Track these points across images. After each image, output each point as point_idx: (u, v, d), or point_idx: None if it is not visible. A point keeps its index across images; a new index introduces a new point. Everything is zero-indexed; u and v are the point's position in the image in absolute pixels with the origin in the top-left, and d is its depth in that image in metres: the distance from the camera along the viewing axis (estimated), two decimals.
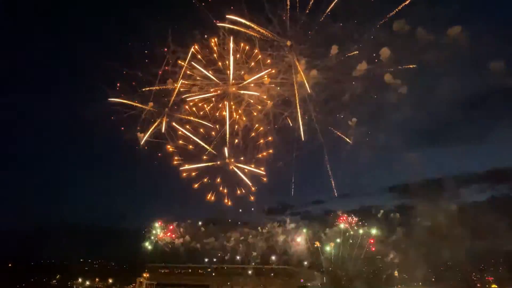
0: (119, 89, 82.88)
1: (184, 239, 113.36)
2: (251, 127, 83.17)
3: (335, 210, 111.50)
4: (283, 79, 79.90)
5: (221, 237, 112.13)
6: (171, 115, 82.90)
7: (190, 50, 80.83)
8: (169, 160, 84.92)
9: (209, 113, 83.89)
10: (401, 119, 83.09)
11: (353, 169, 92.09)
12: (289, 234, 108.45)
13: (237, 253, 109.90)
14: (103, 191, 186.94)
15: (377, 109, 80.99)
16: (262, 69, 79.27)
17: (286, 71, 79.64)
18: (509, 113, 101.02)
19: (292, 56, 77.86)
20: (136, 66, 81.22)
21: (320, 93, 77.79)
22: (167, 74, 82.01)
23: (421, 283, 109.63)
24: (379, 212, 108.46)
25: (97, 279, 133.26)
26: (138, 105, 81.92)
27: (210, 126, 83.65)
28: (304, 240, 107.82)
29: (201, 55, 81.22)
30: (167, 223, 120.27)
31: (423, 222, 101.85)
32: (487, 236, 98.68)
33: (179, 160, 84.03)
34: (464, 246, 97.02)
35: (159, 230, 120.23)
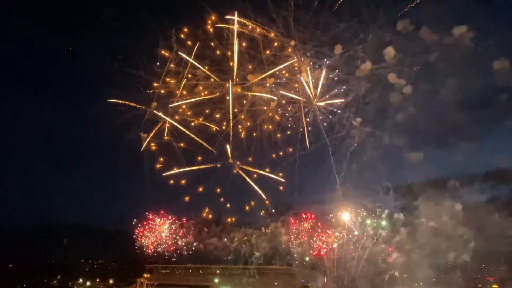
0: (122, 89, 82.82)
1: (187, 239, 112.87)
2: (255, 127, 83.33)
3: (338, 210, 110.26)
4: (287, 79, 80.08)
5: (224, 237, 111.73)
6: (174, 115, 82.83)
7: (194, 50, 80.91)
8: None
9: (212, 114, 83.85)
10: (405, 119, 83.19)
11: (356, 169, 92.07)
12: (293, 234, 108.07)
13: (240, 253, 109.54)
14: (104, 191, 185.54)
15: (381, 109, 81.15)
16: (266, 69, 79.48)
17: (290, 70, 79.84)
18: None
19: (296, 56, 77.97)
20: (139, 66, 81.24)
21: (324, 92, 78.08)
22: (170, 74, 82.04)
23: (422, 284, 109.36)
24: (383, 213, 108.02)
25: (97, 279, 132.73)
26: (141, 107, 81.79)
27: (212, 126, 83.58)
28: (307, 240, 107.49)
29: (204, 55, 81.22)
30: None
31: (425, 222, 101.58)
32: (488, 236, 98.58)
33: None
34: (465, 246, 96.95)
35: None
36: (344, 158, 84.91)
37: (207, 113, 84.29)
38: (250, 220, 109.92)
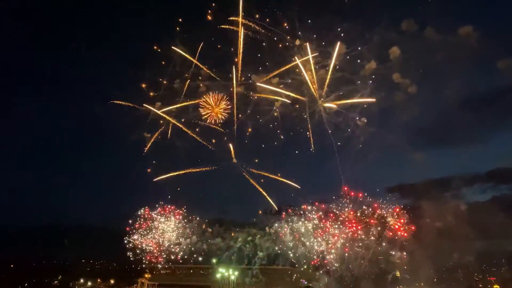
0: (125, 89, 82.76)
1: (191, 239, 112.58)
2: (259, 127, 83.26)
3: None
4: (292, 79, 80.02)
5: (228, 238, 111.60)
6: (178, 116, 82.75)
7: (198, 51, 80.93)
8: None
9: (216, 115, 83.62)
10: (408, 118, 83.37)
11: (359, 169, 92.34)
12: (296, 234, 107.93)
13: (244, 254, 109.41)
14: (106, 192, 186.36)
15: (386, 108, 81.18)
16: (271, 69, 79.48)
17: (295, 70, 79.75)
18: None
19: (301, 56, 77.91)
20: (143, 66, 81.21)
21: (329, 92, 78.02)
22: (174, 75, 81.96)
23: (423, 284, 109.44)
24: (387, 212, 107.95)
25: (98, 279, 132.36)
26: (146, 107, 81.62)
27: (218, 128, 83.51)
28: (310, 240, 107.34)
29: (208, 55, 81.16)
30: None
31: (427, 222, 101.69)
32: (489, 236, 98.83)
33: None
34: (466, 247, 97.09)
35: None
36: (348, 158, 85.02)
37: (211, 114, 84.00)
38: (254, 220, 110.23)
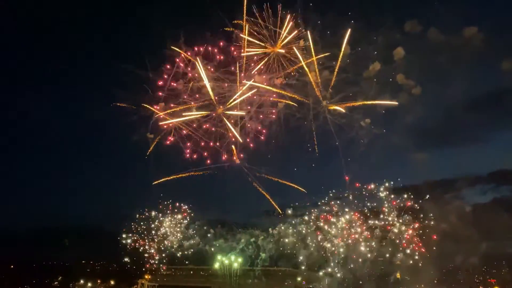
0: (129, 90, 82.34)
1: (193, 240, 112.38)
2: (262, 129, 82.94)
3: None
4: (296, 80, 79.92)
5: (230, 239, 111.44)
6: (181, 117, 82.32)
7: (201, 51, 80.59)
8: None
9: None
10: (411, 120, 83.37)
11: (363, 170, 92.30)
12: (299, 235, 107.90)
13: (246, 255, 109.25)
14: (106, 192, 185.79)
15: (390, 109, 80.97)
16: (274, 70, 79.35)
17: (298, 71, 79.66)
18: None
19: (304, 57, 77.79)
20: (146, 67, 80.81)
21: (333, 94, 77.89)
22: (178, 76, 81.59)
23: (424, 285, 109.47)
24: (391, 213, 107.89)
25: (99, 280, 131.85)
26: (149, 107, 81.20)
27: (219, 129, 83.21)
28: (312, 241, 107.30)
29: (213, 56, 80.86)
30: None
31: (428, 223, 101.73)
32: (490, 238, 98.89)
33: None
34: (467, 248, 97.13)
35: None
36: (352, 159, 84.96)
37: (214, 116, 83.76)
38: (257, 221, 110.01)
